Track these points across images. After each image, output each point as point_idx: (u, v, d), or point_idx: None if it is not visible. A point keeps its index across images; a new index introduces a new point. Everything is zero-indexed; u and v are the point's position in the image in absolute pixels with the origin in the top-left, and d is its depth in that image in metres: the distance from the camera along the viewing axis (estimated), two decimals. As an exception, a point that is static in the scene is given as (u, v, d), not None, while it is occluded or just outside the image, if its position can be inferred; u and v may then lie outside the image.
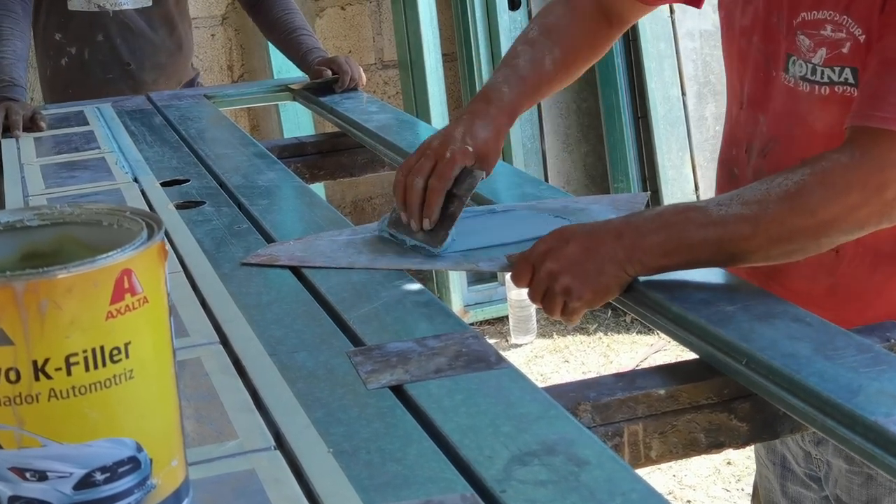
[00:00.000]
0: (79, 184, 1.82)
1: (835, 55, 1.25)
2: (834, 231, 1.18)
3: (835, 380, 1.01)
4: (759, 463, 1.60)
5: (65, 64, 2.87)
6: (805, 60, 1.28)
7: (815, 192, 1.17)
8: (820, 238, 1.19)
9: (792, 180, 1.18)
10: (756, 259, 1.21)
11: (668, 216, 1.22)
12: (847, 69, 1.24)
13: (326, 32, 4.38)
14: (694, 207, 1.22)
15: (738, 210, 1.18)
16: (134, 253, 0.75)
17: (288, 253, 1.42)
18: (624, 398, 1.11)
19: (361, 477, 0.86)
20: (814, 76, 1.27)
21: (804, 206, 1.17)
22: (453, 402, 0.99)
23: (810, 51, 1.27)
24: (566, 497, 0.83)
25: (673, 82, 4.09)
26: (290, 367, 1.08)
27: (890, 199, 1.17)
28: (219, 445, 0.92)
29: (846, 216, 1.17)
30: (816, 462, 1.43)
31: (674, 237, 1.20)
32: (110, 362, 0.74)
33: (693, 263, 1.22)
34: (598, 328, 4.12)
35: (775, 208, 1.17)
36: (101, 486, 0.75)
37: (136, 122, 2.33)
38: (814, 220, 1.17)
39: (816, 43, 1.26)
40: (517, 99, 1.50)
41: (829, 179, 1.17)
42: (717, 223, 1.18)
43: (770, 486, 1.56)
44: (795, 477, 1.49)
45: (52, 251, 0.83)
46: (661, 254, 1.20)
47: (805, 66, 1.28)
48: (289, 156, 2.34)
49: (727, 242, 1.19)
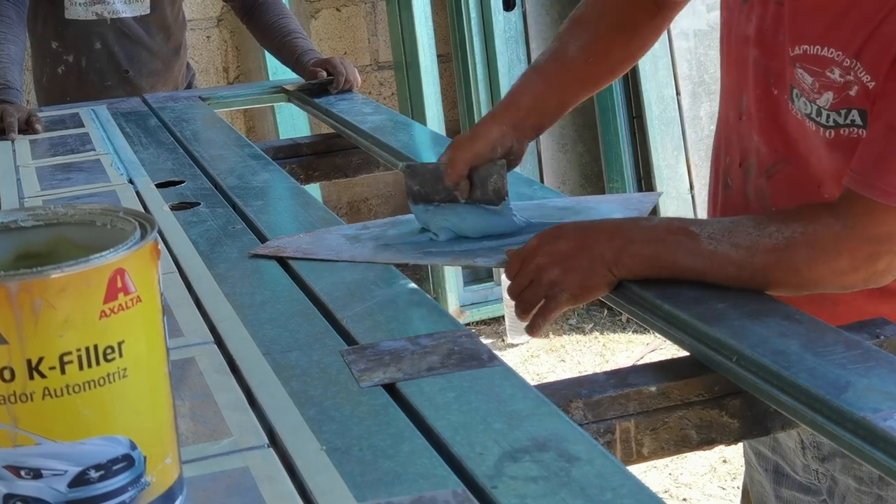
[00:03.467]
0: (74, 185, 1.83)
1: (842, 98, 1.20)
2: (816, 289, 1.21)
3: (824, 376, 1.02)
4: (750, 467, 1.59)
5: (62, 72, 2.88)
6: (809, 100, 1.22)
7: (804, 253, 1.18)
8: (801, 291, 1.22)
9: (783, 235, 1.18)
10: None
11: (660, 232, 1.23)
12: (854, 111, 1.19)
13: (321, 34, 4.39)
14: (687, 232, 1.22)
15: (726, 250, 1.20)
16: (127, 253, 0.75)
17: (295, 245, 1.44)
18: (615, 395, 1.12)
19: (354, 474, 0.87)
20: (818, 118, 1.22)
21: (790, 264, 1.18)
22: (445, 399, 1.00)
23: (815, 91, 1.21)
24: (557, 492, 0.83)
25: (667, 82, 4.10)
26: (284, 366, 1.08)
27: (880, 270, 1.18)
28: (213, 443, 0.93)
29: (831, 279, 1.19)
30: (817, 475, 1.42)
31: (661, 254, 1.22)
32: (104, 361, 0.74)
33: (676, 279, 1.24)
34: (595, 328, 4.13)
35: (761, 259, 1.19)
36: (95, 484, 0.76)
37: (132, 124, 2.33)
38: (797, 278, 1.19)
39: (822, 85, 1.20)
40: (523, 92, 1.51)
41: (819, 243, 1.17)
42: (704, 257, 1.21)
43: (762, 489, 1.55)
44: (791, 482, 1.48)
45: (46, 251, 0.84)
46: (647, 266, 1.23)
47: (810, 106, 1.23)
48: (284, 157, 2.34)
49: (710, 277, 1.21)
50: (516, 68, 4.25)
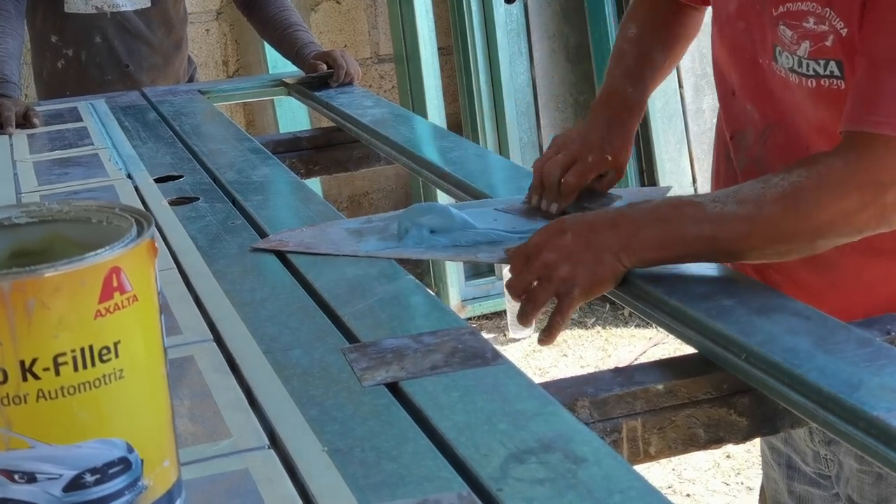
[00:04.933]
0: (72, 180, 1.81)
1: (818, 48, 1.23)
2: (830, 234, 1.18)
3: (835, 375, 1.00)
4: (765, 464, 1.59)
5: (61, 66, 2.86)
6: (791, 53, 1.26)
7: (811, 195, 1.16)
8: (815, 240, 1.19)
9: (788, 181, 1.17)
10: (750, 257, 1.21)
11: (664, 210, 1.21)
12: (832, 62, 1.23)
13: (322, 26, 4.37)
14: (690, 203, 1.21)
15: (733, 209, 1.18)
16: (123, 251, 0.73)
17: (297, 239, 1.43)
18: (622, 394, 1.10)
19: (356, 476, 0.85)
20: (800, 68, 1.26)
21: (799, 209, 1.16)
22: (449, 399, 0.98)
23: (794, 43, 1.26)
24: (563, 495, 0.81)
25: (670, 76, 4.08)
26: (285, 364, 1.06)
27: (889, 202, 1.16)
28: (212, 445, 0.91)
29: (843, 220, 1.16)
30: (826, 462, 1.41)
31: (669, 231, 1.19)
32: (99, 362, 0.72)
33: (687, 258, 1.21)
34: (597, 322, 4.11)
35: (770, 209, 1.16)
36: (91, 488, 0.74)
37: (130, 118, 2.31)
38: (809, 223, 1.16)
39: (800, 35, 1.25)
40: (642, 98, 1.55)
41: (826, 183, 1.16)
42: (712, 220, 1.18)
43: (776, 486, 1.55)
44: (803, 476, 1.48)
45: (41, 249, 0.82)
46: (657, 247, 1.19)
47: (791, 59, 1.27)
48: (284, 151, 2.32)
49: (722, 240, 1.18)
50: (517, 61, 4.23)
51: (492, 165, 1.89)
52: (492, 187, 1.66)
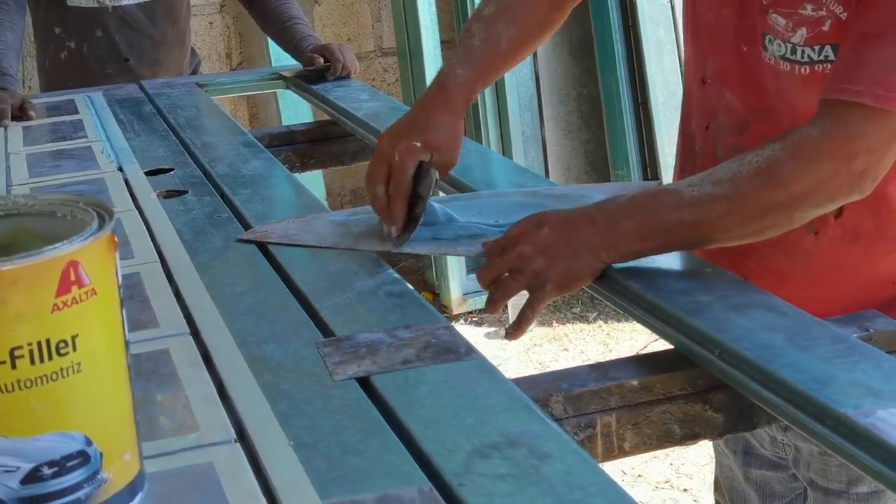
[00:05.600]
0: (63, 173, 1.81)
1: (815, 34, 1.23)
2: (806, 204, 1.17)
3: (807, 371, 1.00)
4: (718, 453, 1.60)
5: (64, 58, 2.86)
6: (783, 40, 1.26)
7: (786, 165, 1.15)
8: (792, 213, 1.18)
9: (762, 156, 1.16)
10: (730, 238, 1.20)
11: (641, 200, 1.21)
12: (828, 46, 1.23)
13: (325, 19, 4.37)
14: (666, 190, 1.21)
15: (710, 190, 1.17)
16: (81, 244, 0.73)
17: (281, 230, 1.43)
18: (596, 389, 1.10)
19: (320, 470, 0.85)
20: (794, 55, 1.26)
21: (775, 180, 1.15)
22: (419, 393, 0.98)
23: (788, 31, 1.25)
24: (525, 491, 0.82)
25: (672, 69, 4.07)
26: (259, 358, 1.07)
27: (859, 170, 1.15)
28: (179, 438, 0.91)
29: (817, 188, 1.16)
30: (783, 447, 1.42)
31: (648, 221, 1.19)
32: (57, 355, 0.73)
33: (668, 246, 1.21)
34: (598, 316, 4.11)
35: (747, 185, 1.16)
36: (49, 481, 0.74)
37: (126, 111, 2.32)
38: (786, 193, 1.16)
39: (795, 23, 1.24)
40: (472, 81, 1.47)
41: (800, 152, 1.15)
42: (690, 204, 1.17)
43: (732, 474, 1.56)
44: (760, 460, 1.48)
45: (6, 243, 0.82)
46: (637, 238, 1.19)
47: (784, 46, 1.26)
48: (279, 144, 2.32)
49: (702, 223, 1.18)
50: (521, 55, 4.22)
51: (494, 166, 1.89)
52: (488, 183, 1.66)
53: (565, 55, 4.31)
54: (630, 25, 4.11)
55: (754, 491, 1.52)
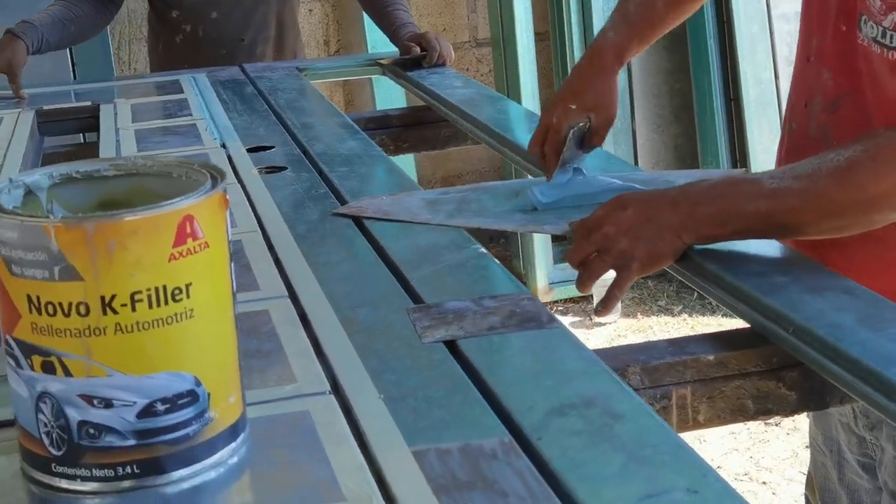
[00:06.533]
0: (169, 148, 1.90)
1: None
2: (885, 207, 1.19)
3: (876, 350, 1.04)
4: (815, 450, 1.60)
5: (179, 41, 2.94)
6: (876, 22, 1.25)
7: (866, 167, 1.17)
8: (871, 214, 1.20)
9: (843, 156, 1.19)
10: (808, 232, 1.23)
11: (722, 188, 1.25)
12: None
13: (421, 9, 4.43)
14: (748, 180, 1.24)
15: (789, 184, 1.20)
16: (196, 200, 0.80)
17: (375, 206, 1.50)
18: (673, 362, 1.14)
19: (407, 420, 0.91)
20: (884, 39, 1.25)
21: (853, 181, 1.18)
22: (502, 357, 1.04)
23: (881, 13, 1.24)
24: (598, 446, 0.87)
25: (766, 65, 4.07)
26: (352, 320, 1.13)
27: None
28: (278, 388, 0.98)
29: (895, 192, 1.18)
30: (872, 447, 1.43)
31: (727, 208, 1.23)
32: (172, 301, 0.80)
33: (746, 234, 1.25)
34: (683, 310, 4.12)
35: (825, 183, 1.19)
36: (161, 416, 0.81)
37: (229, 92, 2.40)
38: (863, 195, 1.18)
39: (889, 6, 1.23)
40: (624, 40, 1.56)
41: (882, 155, 1.17)
42: (768, 196, 1.21)
43: (827, 473, 1.56)
44: (852, 464, 1.49)
45: (125, 200, 0.90)
46: (715, 223, 1.23)
47: (876, 29, 1.26)
48: (374, 127, 2.39)
49: (778, 215, 1.21)
50: (614, 48, 4.24)
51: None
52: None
53: (658, 49, 4.32)
54: (724, 21, 4.12)
55: (846, 494, 1.54)
